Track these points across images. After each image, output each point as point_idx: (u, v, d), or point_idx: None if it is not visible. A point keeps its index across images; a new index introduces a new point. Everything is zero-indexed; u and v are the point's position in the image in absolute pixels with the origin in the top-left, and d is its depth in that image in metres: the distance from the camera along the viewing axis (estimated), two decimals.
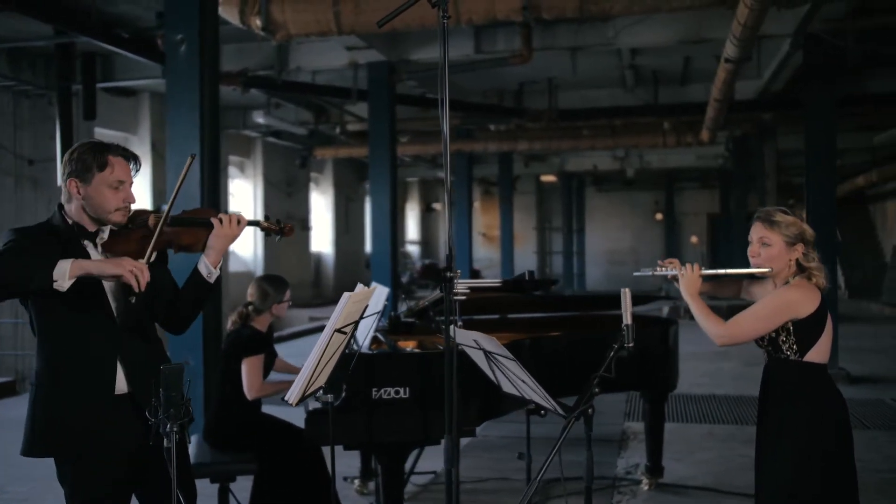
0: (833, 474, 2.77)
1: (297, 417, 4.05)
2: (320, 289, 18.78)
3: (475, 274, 18.64)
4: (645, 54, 11.27)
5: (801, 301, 2.79)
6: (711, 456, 5.84)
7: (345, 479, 5.12)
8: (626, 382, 4.72)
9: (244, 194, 16.60)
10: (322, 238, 20.27)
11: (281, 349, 4.93)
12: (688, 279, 2.88)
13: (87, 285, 2.44)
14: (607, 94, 13.32)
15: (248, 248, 16.50)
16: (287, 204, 17.69)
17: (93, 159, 2.55)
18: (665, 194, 25.06)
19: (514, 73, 11.87)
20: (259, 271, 16.50)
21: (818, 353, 2.81)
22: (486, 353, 2.77)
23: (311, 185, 19.55)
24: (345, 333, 2.64)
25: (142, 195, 12.03)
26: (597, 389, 2.57)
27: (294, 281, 17.50)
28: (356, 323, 2.76)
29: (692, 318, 2.88)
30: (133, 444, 2.59)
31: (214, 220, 2.66)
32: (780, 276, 2.90)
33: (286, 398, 2.61)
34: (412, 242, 27.08)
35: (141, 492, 2.72)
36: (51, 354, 2.56)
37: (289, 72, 10.53)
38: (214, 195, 6.26)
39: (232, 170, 16.00)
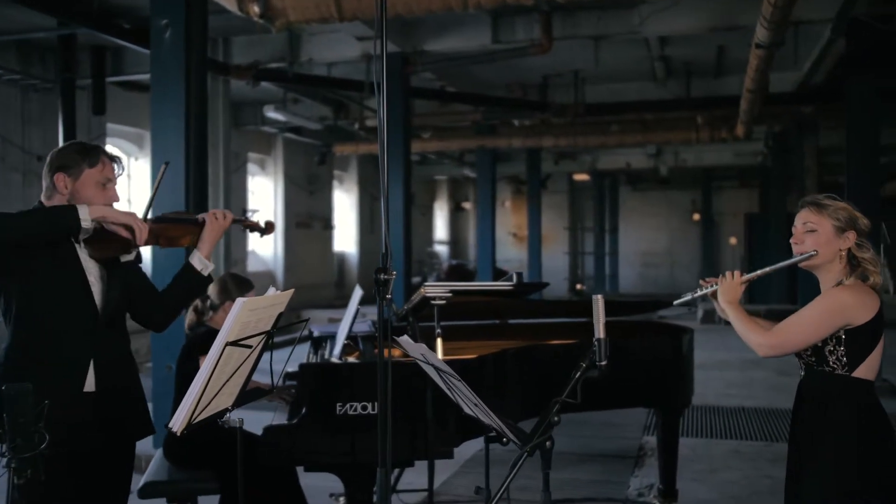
0: None
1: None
2: (344, 289, 18.42)
3: (500, 274, 18.13)
4: (675, 44, 10.70)
5: (857, 306, 2.35)
6: (735, 476, 5.33)
7: (331, 495, 4.72)
8: (632, 398, 4.24)
9: (265, 192, 16.29)
10: (346, 237, 19.89)
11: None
12: (726, 286, 2.56)
13: (74, 276, 2.51)
14: (636, 88, 12.73)
15: (268, 247, 16.19)
16: (309, 202, 17.35)
17: (82, 156, 2.62)
18: (702, 193, 24.22)
19: (538, 66, 11.37)
20: (279, 271, 16.18)
21: (868, 368, 2.39)
22: (437, 370, 2.32)
23: (335, 183, 19.19)
24: (248, 347, 2.20)
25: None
26: (556, 418, 2.09)
27: (317, 281, 17.22)
28: (268, 334, 2.32)
29: (728, 322, 2.50)
30: (87, 447, 2.51)
31: (208, 216, 2.73)
32: (829, 273, 2.45)
33: (170, 425, 2.20)
34: (441, 242, 26.63)
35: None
36: (23, 344, 2.50)
37: (301, 64, 10.17)
38: (201, 195, 5.88)
39: (252, 167, 15.71)
